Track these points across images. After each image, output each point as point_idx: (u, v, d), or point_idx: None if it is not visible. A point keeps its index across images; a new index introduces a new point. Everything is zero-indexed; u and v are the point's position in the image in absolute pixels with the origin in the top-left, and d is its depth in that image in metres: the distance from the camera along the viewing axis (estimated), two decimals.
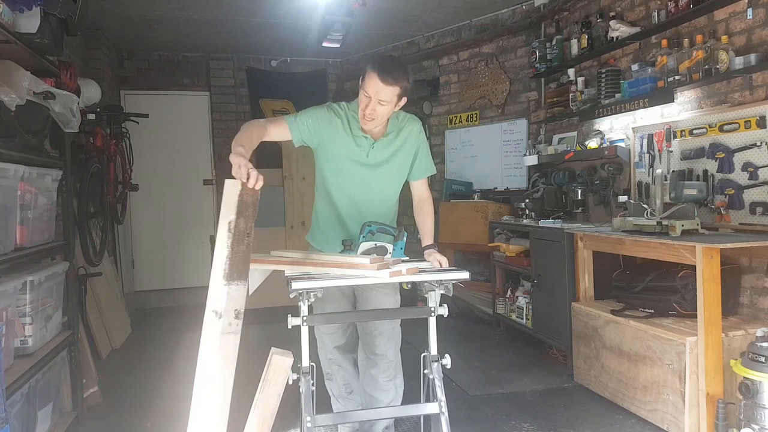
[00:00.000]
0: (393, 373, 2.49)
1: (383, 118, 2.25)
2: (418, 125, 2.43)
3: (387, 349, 2.44)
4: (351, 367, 2.60)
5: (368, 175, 2.35)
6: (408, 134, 2.38)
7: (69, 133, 2.94)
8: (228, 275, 1.70)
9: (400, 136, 2.36)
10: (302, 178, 6.10)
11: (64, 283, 2.95)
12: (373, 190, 2.37)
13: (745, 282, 3.04)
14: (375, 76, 2.13)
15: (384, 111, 2.20)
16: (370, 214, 2.34)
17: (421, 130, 2.45)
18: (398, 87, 2.16)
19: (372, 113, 2.19)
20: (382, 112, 2.20)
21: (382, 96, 2.15)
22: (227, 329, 1.69)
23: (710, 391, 2.58)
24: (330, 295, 2.35)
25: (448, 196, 5.36)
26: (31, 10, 2.44)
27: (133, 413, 3.20)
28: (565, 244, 3.61)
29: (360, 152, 2.32)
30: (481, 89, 5.48)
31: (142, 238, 6.24)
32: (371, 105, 2.17)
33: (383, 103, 2.17)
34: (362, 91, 2.18)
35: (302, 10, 4.71)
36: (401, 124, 2.38)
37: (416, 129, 2.41)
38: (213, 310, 1.70)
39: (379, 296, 2.41)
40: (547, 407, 3.15)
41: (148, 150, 5.98)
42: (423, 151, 2.44)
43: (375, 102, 2.16)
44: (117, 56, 6.08)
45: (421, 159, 2.44)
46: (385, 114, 2.23)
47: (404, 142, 2.37)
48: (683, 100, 3.39)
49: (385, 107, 2.19)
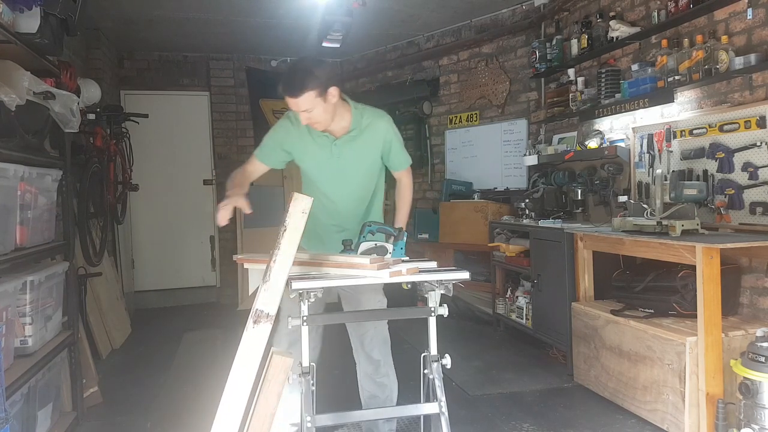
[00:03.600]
0: (384, 371, 2.53)
1: (326, 119, 2.24)
2: (384, 120, 2.41)
3: (372, 349, 2.50)
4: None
5: (337, 172, 2.37)
6: (373, 130, 2.38)
7: (69, 133, 2.94)
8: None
9: (364, 132, 2.36)
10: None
11: (64, 283, 2.95)
12: (345, 186, 2.41)
13: (745, 282, 3.04)
14: (284, 95, 2.16)
15: (317, 115, 2.19)
16: (347, 210, 2.39)
17: (389, 125, 2.42)
18: (308, 92, 2.12)
19: (311, 122, 2.21)
20: (317, 116, 2.20)
21: (302, 107, 2.15)
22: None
23: (710, 391, 2.58)
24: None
25: (448, 196, 5.36)
26: (31, 10, 2.44)
27: (133, 413, 3.20)
28: (565, 244, 3.61)
29: (324, 151, 2.35)
30: (481, 89, 5.48)
31: (142, 238, 6.24)
32: (304, 117, 2.19)
33: (310, 110, 2.17)
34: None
35: (302, 10, 4.71)
36: (365, 120, 2.36)
37: (382, 124, 2.40)
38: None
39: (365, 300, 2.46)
40: (547, 407, 3.15)
41: (148, 150, 5.97)
42: (396, 145, 2.43)
43: (304, 113, 2.18)
44: (117, 56, 6.08)
45: (396, 152, 2.44)
46: (322, 115, 2.21)
47: (369, 138, 2.37)
48: (683, 100, 3.39)
49: (315, 111, 2.18)
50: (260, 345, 1.79)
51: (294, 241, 1.79)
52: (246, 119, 6.53)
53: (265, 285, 1.77)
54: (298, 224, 1.80)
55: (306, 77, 2.13)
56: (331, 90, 2.18)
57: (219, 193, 6.32)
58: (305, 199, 1.82)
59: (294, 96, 2.13)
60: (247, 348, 1.79)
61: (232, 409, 1.76)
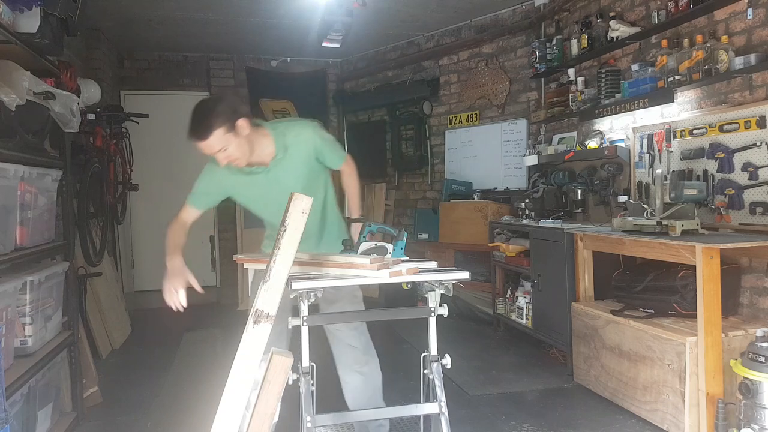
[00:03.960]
0: (364, 359, 2.53)
1: (244, 153, 2.15)
2: (308, 130, 2.33)
3: (350, 338, 2.49)
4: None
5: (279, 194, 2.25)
6: (299, 144, 2.30)
7: (69, 133, 2.94)
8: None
9: (289, 150, 2.28)
10: None
11: (64, 283, 2.95)
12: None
13: (745, 282, 3.04)
14: (193, 141, 2.08)
15: (233, 151, 2.11)
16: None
17: (314, 132, 2.34)
18: (216, 131, 2.04)
19: (230, 161, 2.14)
20: (234, 153, 2.11)
21: (215, 148, 2.08)
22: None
23: (710, 391, 2.57)
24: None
25: (448, 196, 5.37)
26: (31, 10, 2.44)
27: (133, 413, 3.20)
28: (565, 244, 3.61)
29: (259, 182, 2.29)
30: (481, 89, 5.48)
31: (142, 238, 6.24)
32: (221, 157, 2.11)
33: (223, 150, 2.09)
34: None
35: (302, 10, 4.71)
36: (289, 138, 2.28)
37: (304, 135, 2.31)
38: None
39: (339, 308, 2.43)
40: (547, 407, 3.15)
41: (148, 150, 5.97)
42: (326, 147, 2.36)
43: (220, 154, 2.10)
44: (117, 56, 6.08)
45: (329, 153, 2.38)
46: (238, 150, 2.12)
47: (298, 152, 2.30)
48: (683, 100, 3.39)
49: (230, 149, 2.10)
50: (260, 345, 1.79)
51: (294, 241, 1.79)
52: None
53: (265, 285, 1.77)
54: (298, 224, 1.80)
55: (209, 117, 2.05)
56: (240, 122, 2.09)
57: None
58: (305, 199, 1.82)
59: (203, 139, 2.04)
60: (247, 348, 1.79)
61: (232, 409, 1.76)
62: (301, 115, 6.72)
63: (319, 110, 6.79)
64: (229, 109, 2.09)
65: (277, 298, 1.79)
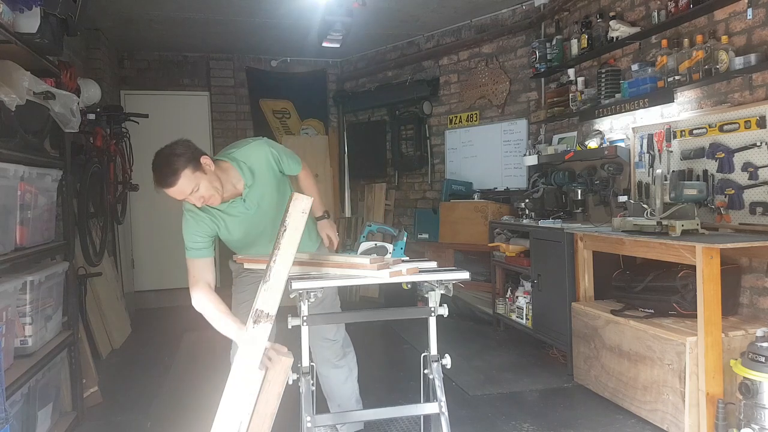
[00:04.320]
0: (340, 353, 2.60)
1: (217, 190, 2.12)
2: (261, 149, 2.30)
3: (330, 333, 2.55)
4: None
5: (259, 217, 2.31)
6: (260, 165, 2.29)
7: (69, 133, 2.94)
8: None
9: (255, 174, 2.27)
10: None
11: (64, 283, 2.96)
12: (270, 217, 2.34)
13: (745, 282, 3.04)
14: (161, 188, 2.05)
15: (205, 189, 2.08)
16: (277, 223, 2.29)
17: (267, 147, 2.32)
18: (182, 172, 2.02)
19: (203, 201, 2.11)
20: (206, 191, 2.09)
21: (185, 191, 2.05)
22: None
23: (710, 391, 2.58)
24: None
25: (448, 196, 5.36)
26: (31, 10, 2.44)
27: (133, 413, 3.20)
28: (565, 244, 3.61)
29: (239, 215, 2.27)
30: (481, 89, 5.48)
31: (142, 238, 6.24)
32: (195, 199, 2.09)
33: (195, 191, 2.06)
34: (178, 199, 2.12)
35: (302, 10, 4.71)
36: (249, 164, 2.26)
37: (261, 154, 2.29)
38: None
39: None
40: (547, 407, 3.15)
41: (148, 150, 5.88)
42: (283, 158, 2.36)
43: (194, 197, 2.08)
44: (117, 56, 6.08)
45: (286, 163, 2.37)
46: (210, 187, 2.09)
47: (262, 173, 2.29)
48: (683, 100, 3.39)
49: (202, 187, 2.07)
50: (260, 345, 1.80)
51: (294, 241, 1.79)
52: (246, 119, 6.53)
53: (265, 285, 1.77)
54: (298, 224, 1.81)
55: (172, 161, 2.03)
56: (203, 159, 2.08)
57: None
58: (305, 199, 1.82)
59: (172, 184, 2.02)
60: (247, 348, 1.80)
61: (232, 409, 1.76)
62: (302, 115, 6.73)
63: (319, 110, 6.80)
64: (188, 149, 2.07)
65: (277, 298, 1.79)
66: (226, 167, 2.22)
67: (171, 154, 2.05)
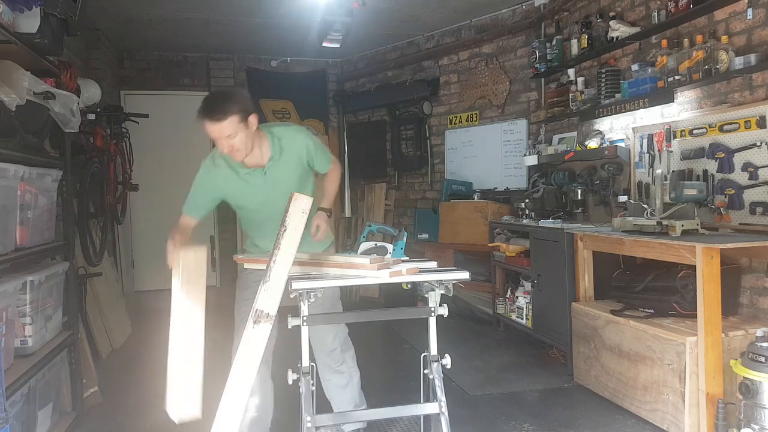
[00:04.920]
0: (341, 358, 2.60)
1: (248, 146, 2.20)
2: (300, 135, 2.40)
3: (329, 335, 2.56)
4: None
5: (272, 195, 2.34)
6: (292, 148, 2.36)
7: (69, 133, 2.94)
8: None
9: (284, 153, 2.34)
10: None
11: (64, 283, 2.95)
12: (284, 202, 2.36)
13: (745, 282, 3.04)
14: (205, 120, 2.12)
15: (240, 141, 2.16)
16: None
17: (305, 137, 2.41)
18: (232, 116, 2.10)
19: (232, 149, 2.17)
20: (240, 143, 2.16)
21: (224, 132, 2.12)
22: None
23: (710, 391, 2.57)
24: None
25: (448, 196, 5.37)
26: (31, 10, 2.44)
27: (133, 413, 3.20)
28: (565, 244, 3.61)
29: (254, 184, 2.33)
30: (481, 89, 5.48)
31: (142, 238, 6.23)
32: (226, 144, 2.15)
33: (231, 137, 2.13)
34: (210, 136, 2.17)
35: (302, 10, 4.71)
36: (282, 142, 2.34)
37: (298, 140, 2.38)
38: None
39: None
40: (547, 407, 3.15)
41: (148, 150, 5.97)
42: (317, 152, 2.43)
43: (225, 140, 2.14)
44: (117, 56, 6.08)
45: (318, 157, 2.44)
46: (243, 142, 2.17)
47: (291, 156, 2.36)
48: (683, 100, 3.39)
49: (238, 137, 2.15)
50: (260, 345, 1.79)
51: (294, 241, 1.79)
52: None
53: (265, 285, 1.77)
54: (298, 224, 1.80)
55: (229, 102, 2.12)
56: (251, 118, 2.18)
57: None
58: (305, 199, 1.82)
59: (219, 120, 2.09)
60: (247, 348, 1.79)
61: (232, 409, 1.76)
62: (302, 115, 6.73)
63: (319, 110, 6.79)
64: (245, 101, 2.19)
65: (277, 298, 1.79)
66: (261, 136, 2.31)
67: (229, 97, 2.17)
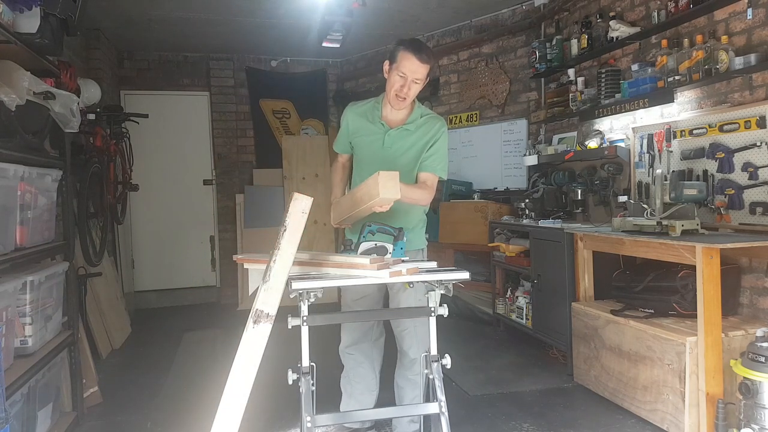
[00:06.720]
0: (418, 370, 2.49)
1: (413, 98, 2.37)
2: (440, 124, 2.48)
3: (409, 347, 2.55)
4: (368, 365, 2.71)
5: (384, 160, 2.40)
6: (426, 129, 2.43)
7: (69, 133, 2.94)
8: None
9: (419, 130, 2.42)
10: (302, 178, 6.12)
11: (64, 283, 2.95)
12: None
13: (745, 282, 3.04)
14: (412, 56, 2.24)
15: (415, 91, 2.32)
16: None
17: (442, 130, 2.47)
18: (430, 66, 2.30)
19: (407, 92, 2.30)
20: (414, 91, 2.32)
21: (417, 75, 2.26)
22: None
23: (710, 391, 2.58)
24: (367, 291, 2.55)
25: (448, 196, 5.36)
26: (31, 10, 2.44)
27: (133, 413, 3.20)
28: (565, 244, 3.61)
29: (377, 138, 2.43)
30: (481, 89, 5.48)
31: (142, 238, 6.24)
32: (407, 84, 2.28)
33: (417, 82, 2.29)
34: (396, 72, 2.29)
35: (302, 10, 4.71)
36: (423, 120, 2.43)
37: (437, 126, 2.46)
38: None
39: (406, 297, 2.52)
40: (547, 407, 3.15)
41: (148, 150, 5.97)
42: (440, 151, 2.45)
43: (410, 82, 2.27)
44: (117, 56, 6.08)
45: (434, 156, 2.43)
46: (415, 94, 2.34)
47: (420, 135, 2.42)
48: (683, 100, 3.39)
49: (417, 86, 2.31)
50: (260, 345, 1.79)
51: (294, 241, 1.79)
52: (246, 119, 6.53)
53: (265, 285, 1.76)
54: (298, 224, 1.80)
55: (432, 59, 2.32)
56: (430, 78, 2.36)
57: (219, 193, 6.34)
58: (305, 199, 1.82)
59: (423, 61, 2.26)
60: (247, 348, 1.79)
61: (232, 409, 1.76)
62: (302, 115, 6.72)
63: (319, 110, 6.80)
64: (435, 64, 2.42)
65: (277, 298, 1.79)
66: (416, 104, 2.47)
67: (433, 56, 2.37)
